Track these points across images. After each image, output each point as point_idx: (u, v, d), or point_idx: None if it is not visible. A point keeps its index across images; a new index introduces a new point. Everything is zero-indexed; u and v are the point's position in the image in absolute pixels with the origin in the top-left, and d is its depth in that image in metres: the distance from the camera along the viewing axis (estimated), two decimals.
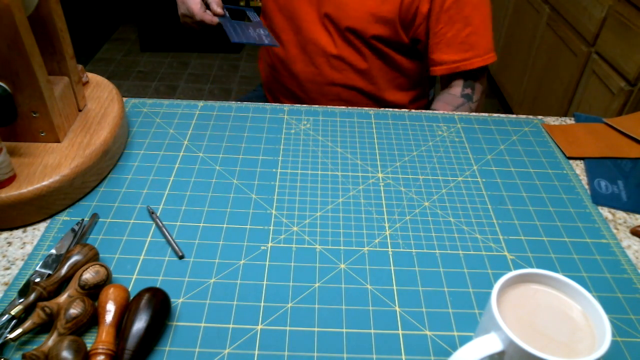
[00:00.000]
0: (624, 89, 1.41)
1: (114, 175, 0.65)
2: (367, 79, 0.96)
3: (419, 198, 0.65)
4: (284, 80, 1.02)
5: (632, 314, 0.52)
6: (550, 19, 1.88)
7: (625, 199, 0.66)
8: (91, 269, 0.49)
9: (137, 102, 0.80)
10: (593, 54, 1.59)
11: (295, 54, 0.96)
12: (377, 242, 0.58)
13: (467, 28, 0.86)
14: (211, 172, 0.67)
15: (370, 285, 0.53)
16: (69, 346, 0.42)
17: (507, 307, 0.41)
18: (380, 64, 0.94)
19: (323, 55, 0.94)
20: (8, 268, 0.53)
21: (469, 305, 0.52)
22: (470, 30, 0.86)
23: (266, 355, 0.46)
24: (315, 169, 0.68)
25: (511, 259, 0.57)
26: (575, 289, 0.42)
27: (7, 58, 0.55)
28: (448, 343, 0.48)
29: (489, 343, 0.39)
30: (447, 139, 0.75)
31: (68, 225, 0.58)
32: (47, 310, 0.46)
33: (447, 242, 0.59)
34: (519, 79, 2.14)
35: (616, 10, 1.47)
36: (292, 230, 0.59)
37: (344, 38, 0.92)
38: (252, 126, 0.76)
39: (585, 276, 0.56)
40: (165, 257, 0.55)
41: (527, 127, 0.79)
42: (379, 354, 0.47)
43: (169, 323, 0.49)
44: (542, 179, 0.69)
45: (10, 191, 0.55)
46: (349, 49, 0.93)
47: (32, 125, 0.61)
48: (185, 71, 2.63)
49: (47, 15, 0.60)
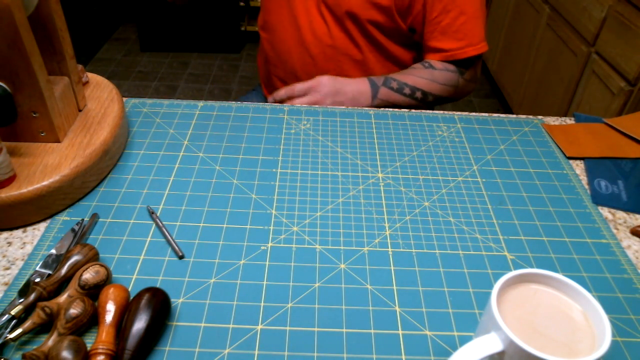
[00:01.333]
0: (624, 89, 1.41)
1: (114, 175, 0.65)
2: (363, 70, 0.96)
3: (419, 198, 0.65)
4: (279, 73, 1.03)
5: (632, 314, 0.52)
6: (550, 19, 1.88)
7: (625, 199, 0.66)
8: (91, 269, 0.49)
9: (137, 102, 0.80)
10: (593, 54, 1.59)
11: (291, 45, 0.97)
12: (377, 242, 0.58)
13: (462, 16, 0.87)
14: (211, 172, 0.67)
15: (370, 285, 0.53)
16: (69, 346, 0.42)
17: (507, 307, 0.41)
18: (376, 54, 0.95)
19: (319, 45, 0.94)
20: (8, 268, 0.53)
21: (469, 305, 0.52)
22: (465, 18, 0.87)
23: (266, 355, 0.46)
24: (315, 169, 0.68)
25: (511, 259, 0.57)
26: (575, 289, 0.42)
27: (7, 58, 0.55)
28: (448, 343, 0.48)
29: (489, 343, 0.39)
30: (447, 139, 0.75)
31: (68, 225, 0.58)
32: (47, 310, 0.46)
33: (447, 242, 0.59)
34: (519, 79, 2.14)
35: (616, 10, 1.47)
36: (292, 230, 0.59)
37: (340, 26, 0.92)
38: (252, 126, 0.76)
39: (585, 276, 0.56)
40: (165, 257, 0.55)
41: (527, 127, 0.79)
42: (379, 354, 0.47)
43: (169, 323, 0.49)
44: (542, 179, 0.69)
45: (10, 191, 0.55)
46: (344, 39, 0.93)
47: (32, 125, 0.61)
48: (185, 71, 2.63)
49: (47, 15, 0.60)
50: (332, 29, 0.93)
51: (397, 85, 0.88)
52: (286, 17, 0.96)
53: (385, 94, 0.88)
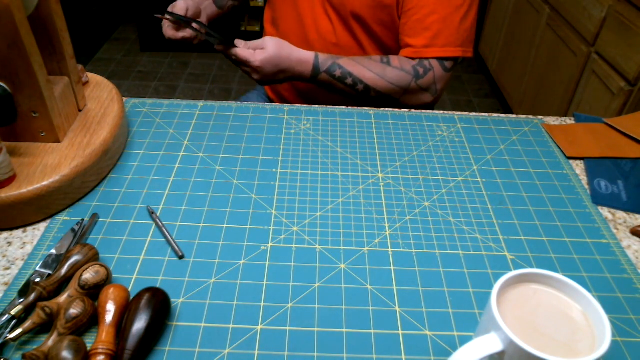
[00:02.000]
0: (624, 89, 1.41)
1: (114, 175, 0.65)
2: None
3: (419, 198, 0.65)
4: None
5: (632, 314, 0.52)
6: (550, 19, 1.88)
7: (625, 199, 0.66)
8: (91, 269, 0.49)
9: (137, 102, 0.80)
10: (593, 54, 1.59)
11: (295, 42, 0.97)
12: (377, 242, 0.58)
13: (433, 15, 0.86)
14: (211, 172, 0.67)
15: (370, 285, 0.53)
16: (69, 346, 0.42)
17: (507, 307, 0.41)
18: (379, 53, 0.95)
19: (323, 43, 0.95)
20: (8, 268, 0.53)
21: (469, 305, 0.52)
22: (436, 17, 0.86)
23: (266, 355, 0.46)
24: (315, 169, 0.68)
25: (511, 259, 0.57)
26: (575, 289, 0.42)
27: (7, 58, 0.55)
28: (448, 343, 0.48)
29: (489, 343, 0.39)
30: (447, 139, 0.75)
31: (68, 225, 0.58)
32: (47, 310, 0.46)
33: (447, 242, 0.59)
34: (519, 79, 2.14)
35: (616, 10, 1.47)
36: (292, 230, 0.59)
37: (345, 25, 0.92)
38: (252, 126, 0.76)
39: (585, 276, 0.56)
40: (165, 257, 0.55)
41: (527, 127, 0.79)
42: (379, 354, 0.47)
43: (169, 323, 0.49)
44: (542, 179, 0.69)
45: (10, 191, 0.55)
46: (349, 38, 0.94)
47: (32, 125, 0.61)
48: (185, 71, 2.63)
49: (47, 15, 0.60)
50: (336, 28, 0.93)
51: (340, 74, 0.86)
52: (291, 14, 0.97)
53: (325, 79, 0.87)
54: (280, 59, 0.84)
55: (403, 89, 0.88)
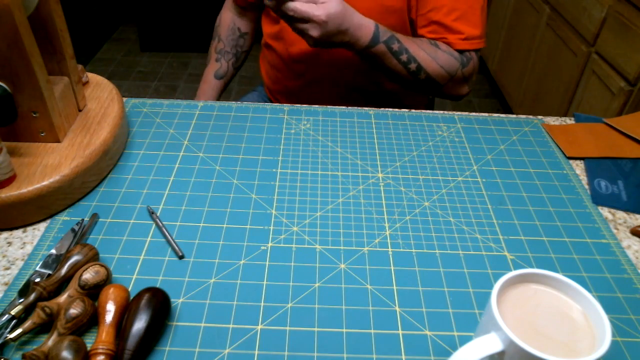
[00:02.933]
0: (624, 89, 1.41)
1: (114, 175, 0.65)
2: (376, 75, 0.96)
3: (419, 198, 0.65)
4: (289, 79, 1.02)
5: (632, 314, 0.52)
6: (550, 19, 1.88)
7: (625, 199, 0.66)
8: (91, 269, 0.49)
9: (137, 102, 0.80)
10: (593, 54, 1.59)
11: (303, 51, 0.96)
12: (377, 242, 0.58)
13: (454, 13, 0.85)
14: (211, 172, 0.67)
15: (370, 285, 0.53)
16: (69, 346, 0.42)
17: (507, 307, 0.41)
18: None
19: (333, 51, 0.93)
20: (8, 268, 0.53)
21: (469, 305, 0.52)
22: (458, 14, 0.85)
23: (266, 355, 0.46)
24: (315, 169, 0.68)
25: (511, 259, 0.57)
26: (575, 289, 0.42)
27: (7, 58, 0.55)
28: (448, 343, 0.48)
29: (489, 343, 0.39)
30: (447, 139, 0.75)
31: (68, 225, 0.58)
32: (47, 310, 0.46)
33: (447, 242, 0.59)
34: (519, 79, 2.14)
35: (616, 10, 1.47)
36: (292, 230, 0.59)
37: None
38: (252, 126, 0.76)
39: (585, 276, 0.56)
40: (165, 257, 0.55)
41: (527, 127, 0.79)
42: (379, 354, 0.47)
43: (169, 323, 0.49)
44: (542, 179, 0.69)
45: (10, 191, 0.55)
46: None
47: (32, 125, 0.61)
48: (185, 71, 2.63)
49: (47, 15, 0.60)
50: None
51: (397, 48, 0.82)
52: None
53: (381, 51, 0.82)
54: (344, 17, 0.77)
55: (450, 75, 0.86)
